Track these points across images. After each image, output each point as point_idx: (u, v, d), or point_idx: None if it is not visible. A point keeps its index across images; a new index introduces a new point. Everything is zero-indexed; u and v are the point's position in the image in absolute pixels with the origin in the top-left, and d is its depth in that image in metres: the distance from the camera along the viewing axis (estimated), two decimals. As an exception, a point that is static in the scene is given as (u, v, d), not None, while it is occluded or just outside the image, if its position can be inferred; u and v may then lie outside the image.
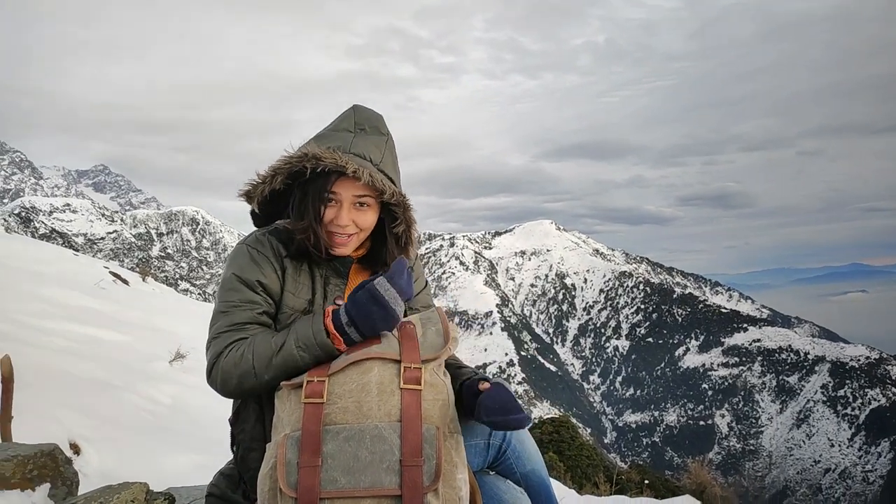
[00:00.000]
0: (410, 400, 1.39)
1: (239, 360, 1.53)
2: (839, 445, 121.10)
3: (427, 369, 1.46)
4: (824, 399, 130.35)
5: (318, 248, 1.68)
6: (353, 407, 1.38)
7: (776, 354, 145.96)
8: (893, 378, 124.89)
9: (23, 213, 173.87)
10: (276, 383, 1.52)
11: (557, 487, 10.84)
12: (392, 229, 1.74)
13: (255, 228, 1.81)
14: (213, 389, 1.60)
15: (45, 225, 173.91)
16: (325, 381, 1.42)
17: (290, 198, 1.71)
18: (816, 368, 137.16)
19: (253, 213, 1.76)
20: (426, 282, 2.01)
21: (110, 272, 15.24)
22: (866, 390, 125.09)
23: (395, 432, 1.35)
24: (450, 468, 1.36)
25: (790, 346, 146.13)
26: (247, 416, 1.67)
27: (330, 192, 1.63)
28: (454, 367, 1.74)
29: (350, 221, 1.66)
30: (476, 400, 1.53)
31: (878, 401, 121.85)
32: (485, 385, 1.54)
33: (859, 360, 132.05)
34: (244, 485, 1.69)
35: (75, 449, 3.46)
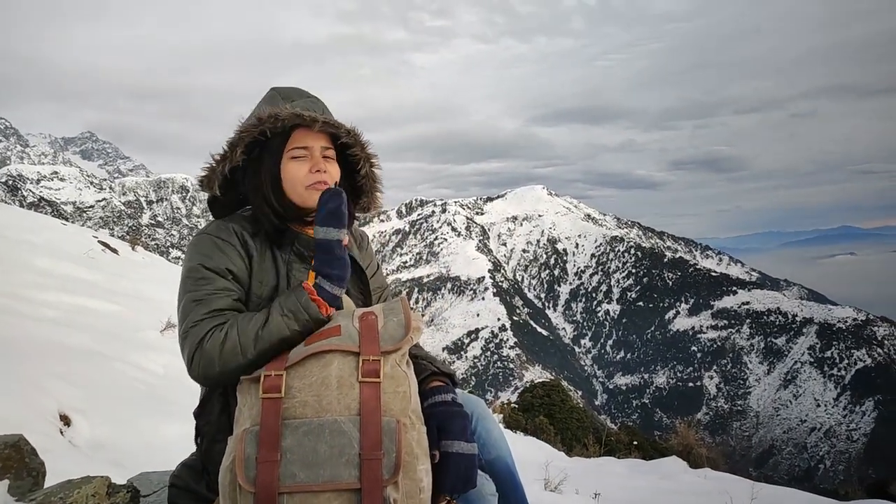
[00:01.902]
0: (370, 393, 1.38)
1: (223, 341, 1.51)
2: (825, 405, 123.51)
3: (387, 361, 1.45)
4: (811, 360, 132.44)
5: (275, 217, 1.73)
6: (313, 401, 1.38)
7: (765, 317, 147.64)
8: (879, 339, 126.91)
9: (10, 182, 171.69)
10: (261, 362, 1.51)
11: (547, 450, 11.04)
12: (358, 172, 1.83)
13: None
14: (195, 379, 1.58)
15: (34, 193, 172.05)
16: (283, 374, 1.42)
17: (245, 177, 1.74)
18: (804, 330, 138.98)
19: (211, 201, 1.76)
20: (377, 264, 2.03)
21: (99, 241, 15.13)
22: (853, 351, 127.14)
23: (355, 426, 1.35)
24: (411, 460, 1.36)
25: (779, 308, 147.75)
26: (211, 409, 1.67)
27: (296, 147, 1.69)
28: (417, 358, 1.70)
29: (325, 169, 1.72)
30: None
31: (864, 361, 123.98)
32: (435, 456, 1.47)
33: (846, 321, 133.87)
34: (207, 477, 1.68)
35: (66, 420, 3.48)
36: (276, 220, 1.72)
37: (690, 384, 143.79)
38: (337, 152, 1.78)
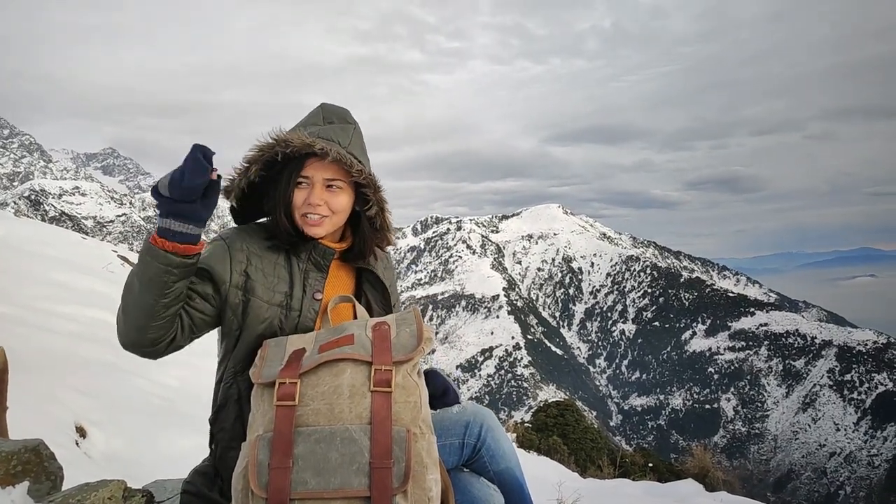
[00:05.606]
0: (381, 402, 1.41)
1: (120, 306, 1.57)
2: (845, 429, 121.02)
3: (399, 371, 1.47)
4: (831, 383, 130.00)
5: (290, 233, 1.75)
6: (325, 409, 1.40)
7: (783, 339, 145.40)
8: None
9: (32, 197, 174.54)
10: (143, 319, 1.52)
11: (560, 471, 10.91)
12: (365, 212, 1.80)
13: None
14: (133, 352, 1.61)
15: (55, 208, 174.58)
16: (297, 382, 1.44)
17: (268, 190, 1.78)
18: (823, 353, 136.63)
19: (232, 209, 1.81)
20: (393, 279, 2.05)
21: (118, 255, 15.33)
22: (873, 375, 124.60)
23: (366, 434, 1.37)
24: (420, 469, 1.37)
25: (797, 330, 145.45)
26: (226, 416, 1.71)
27: (301, 175, 1.71)
28: None
29: (322, 202, 1.71)
30: None
31: (885, 385, 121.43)
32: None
33: (867, 344, 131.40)
34: (221, 483, 1.72)
35: (81, 432, 3.50)
36: (289, 236, 1.75)
37: (707, 406, 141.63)
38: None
